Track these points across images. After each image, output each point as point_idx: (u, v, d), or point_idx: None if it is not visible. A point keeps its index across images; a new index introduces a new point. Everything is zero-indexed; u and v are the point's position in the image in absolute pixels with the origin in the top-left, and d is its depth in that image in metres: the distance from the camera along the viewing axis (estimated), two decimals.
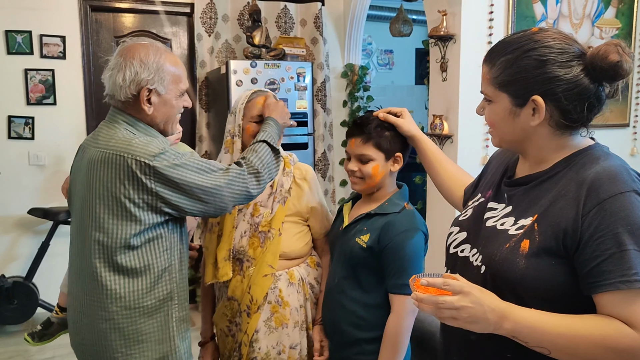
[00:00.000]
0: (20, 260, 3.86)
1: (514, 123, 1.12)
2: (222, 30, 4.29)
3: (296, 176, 1.88)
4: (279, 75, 3.89)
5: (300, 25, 4.59)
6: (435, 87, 3.34)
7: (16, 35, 3.72)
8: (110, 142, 1.44)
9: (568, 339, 0.98)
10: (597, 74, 1.05)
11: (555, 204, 1.06)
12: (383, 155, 1.69)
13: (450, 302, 0.98)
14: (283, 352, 1.79)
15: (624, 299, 0.96)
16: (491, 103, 1.15)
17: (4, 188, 3.80)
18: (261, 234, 1.80)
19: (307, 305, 1.86)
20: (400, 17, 4.62)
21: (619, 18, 3.50)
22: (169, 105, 1.54)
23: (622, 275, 0.96)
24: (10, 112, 3.77)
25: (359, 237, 1.68)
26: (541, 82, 1.06)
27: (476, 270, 1.15)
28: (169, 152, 1.42)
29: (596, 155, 1.08)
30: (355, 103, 4.79)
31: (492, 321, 0.99)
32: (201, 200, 1.47)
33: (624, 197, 0.98)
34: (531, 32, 1.11)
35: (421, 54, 6.42)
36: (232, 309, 1.83)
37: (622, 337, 0.95)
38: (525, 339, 1.00)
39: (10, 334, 3.83)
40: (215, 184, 1.47)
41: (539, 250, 1.04)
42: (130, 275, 1.44)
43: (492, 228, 1.17)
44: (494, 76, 1.12)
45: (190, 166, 1.44)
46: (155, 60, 1.48)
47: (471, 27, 3.09)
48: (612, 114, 3.56)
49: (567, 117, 1.08)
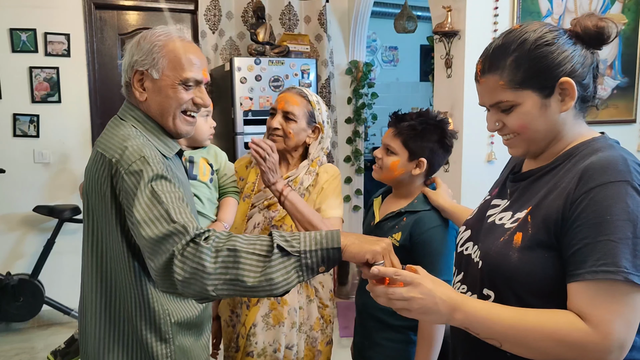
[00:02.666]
0: (26, 257, 3.87)
1: (547, 116, 1.08)
2: (226, 28, 4.28)
3: (320, 177, 1.87)
4: (283, 72, 3.88)
5: (304, 22, 4.58)
6: (439, 83, 3.32)
7: (21, 33, 3.73)
8: (106, 141, 1.31)
9: (518, 330, 0.97)
10: (591, 40, 1.07)
11: (549, 196, 1.04)
12: (407, 153, 1.71)
13: (399, 294, 0.99)
14: (278, 351, 1.79)
15: (586, 290, 0.94)
16: (515, 108, 1.09)
17: (9, 186, 3.81)
18: (273, 227, 1.81)
19: (310, 306, 1.85)
20: (405, 13, 4.61)
21: (625, 13, 3.48)
22: (164, 95, 1.34)
23: (591, 266, 0.93)
24: (15, 110, 3.78)
25: (391, 236, 1.69)
26: (560, 63, 1.05)
27: (476, 267, 1.15)
28: (149, 169, 1.21)
29: (597, 147, 1.06)
30: (360, 100, 4.78)
31: (443, 312, 0.99)
32: (145, 246, 1.15)
33: (612, 187, 0.95)
34: (518, 28, 1.10)
35: (426, 50, 6.40)
36: (234, 299, 1.86)
37: (573, 331, 0.94)
38: (476, 330, 1.00)
39: (17, 331, 3.85)
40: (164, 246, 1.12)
41: (531, 243, 1.03)
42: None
43: (492, 223, 1.16)
44: (509, 79, 1.08)
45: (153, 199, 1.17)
46: (152, 40, 1.33)
47: (476, 23, 3.08)
48: (618, 109, 3.54)
49: (587, 89, 1.08)
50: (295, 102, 1.84)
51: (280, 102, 1.85)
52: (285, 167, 1.89)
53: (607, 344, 0.92)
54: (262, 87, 3.80)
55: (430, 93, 3.98)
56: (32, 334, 3.82)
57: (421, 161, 1.71)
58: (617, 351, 0.93)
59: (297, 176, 1.84)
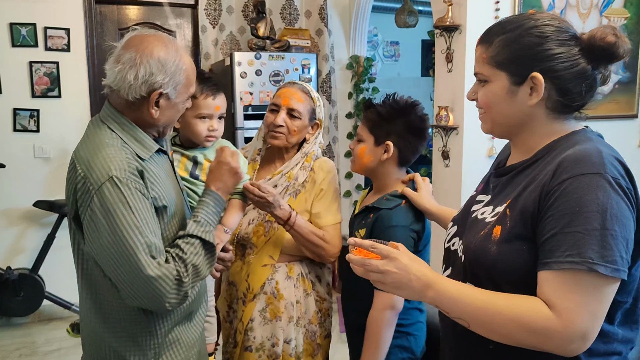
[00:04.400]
0: (26, 252, 3.87)
1: (511, 103, 1.10)
2: (226, 22, 4.27)
3: (315, 171, 1.85)
4: (283, 67, 3.87)
5: (305, 16, 4.56)
6: (440, 78, 3.31)
7: (21, 28, 3.72)
8: (81, 149, 1.32)
9: (486, 313, 0.99)
10: (595, 54, 1.05)
11: (527, 189, 1.06)
12: (373, 138, 1.69)
13: (375, 265, 1.03)
14: (277, 345, 1.79)
15: (553, 279, 0.96)
16: (487, 84, 1.13)
17: (9, 181, 3.80)
18: (267, 223, 1.80)
19: (307, 300, 1.84)
20: (406, 7, 4.60)
21: (627, 8, 3.46)
22: (175, 110, 1.40)
23: (558, 256, 0.95)
24: (15, 105, 3.77)
25: (358, 231, 1.69)
26: (542, 59, 1.06)
27: (459, 261, 1.17)
28: (123, 182, 1.23)
29: (576, 140, 1.07)
30: (361, 95, 4.77)
31: (416, 288, 1.03)
32: (112, 271, 1.24)
33: (584, 179, 0.96)
34: (529, 13, 1.11)
35: (427, 45, 6.38)
36: (230, 294, 1.86)
37: (537, 317, 0.95)
38: (446, 309, 1.04)
39: (17, 325, 3.86)
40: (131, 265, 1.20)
41: (509, 236, 1.04)
42: None
43: (475, 218, 1.18)
44: (491, 55, 1.11)
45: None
46: (174, 61, 1.32)
47: (477, 17, 3.06)
48: (620, 104, 3.53)
49: (566, 96, 1.07)
50: (300, 99, 1.82)
51: (284, 99, 1.82)
52: (280, 162, 1.89)
53: (569, 333, 0.93)
54: (263, 82, 3.79)
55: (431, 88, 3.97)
56: (33, 328, 3.83)
57: (387, 144, 1.68)
58: (579, 341, 0.94)
59: (289, 170, 1.84)
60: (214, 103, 1.73)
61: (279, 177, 1.84)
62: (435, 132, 3.33)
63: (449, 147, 3.22)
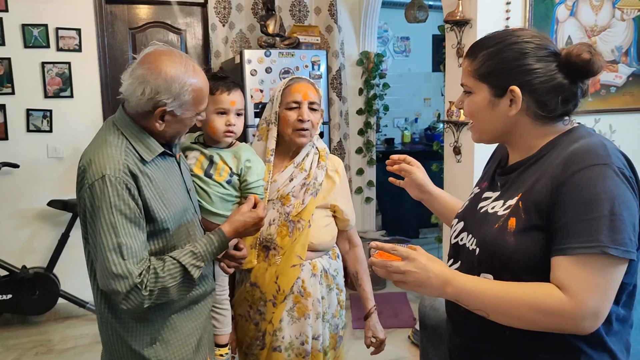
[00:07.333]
0: (41, 251, 3.91)
1: (493, 113, 1.18)
2: (236, 20, 4.28)
3: (329, 169, 1.88)
4: (293, 64, 3.87)
5: (314, 13, 4.56)
6: (451, 73, 3.29)
7: (32, 29, 3.75)
8: (89, 145, 1.45)
9: (502, 302, 1.06)
10: (571, 70, 1.13)
11: (538, 182, 1.12)
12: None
13: (396, 267, 1.10)
14: (306, 343, 1.80)
15: (567, 264, 1.02)
16: (471, 95, 1.22)
17: (23, 181, 3.84)
18: (290, 223, 1.79)
19: (331, 295, 1.87)
20: (416, 2, 4.57)
21: None
22: (182, 124, 1.46)
23: (572, 242, 1.02)
24: (28, 106, 3.81)
25: None
26: (520, 73, 1.14)
27: (472, 254, 1.21)
28: (113, 182, 1.33)
29: (579, 135, 1.15)
30: (372, 91, 4.75)
31: (436, 286, 1.10)
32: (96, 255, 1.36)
33: (594, 169, 1.03)
34: (512, 29, 1.21)
35: (438, 40, 6.35)
36: (253, 295, 1.83)
37: (550, 300, 1.02)
38: (466, 303, 1.11)
39: (33, 324, 3.90)
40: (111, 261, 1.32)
41: (525, 227, 1.10)
42: None
43: (484, 212, 1.24)
44: (474, 68, 1.19)
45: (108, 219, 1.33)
46: (180, 81, 1.38)
47: (488, 11, 3.03)
48: (634, 97, 3.48)
49: (543, 108, 1.15)
50: (315, 92, 1.83)
51: (303, 94, 1.79)
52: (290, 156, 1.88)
53: (581, 312, 1.01)
54: (273, 79, 3.79)
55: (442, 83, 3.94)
56: (49, 327, 3.87)
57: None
58: (591, 318, 1.01)
59: (302, 160, 1.84)
60: (229, 98, 1.74)
61: (292, 167, 1.83)
62: (446, 128, 3.31)
63: (461, 142, 3.20)
